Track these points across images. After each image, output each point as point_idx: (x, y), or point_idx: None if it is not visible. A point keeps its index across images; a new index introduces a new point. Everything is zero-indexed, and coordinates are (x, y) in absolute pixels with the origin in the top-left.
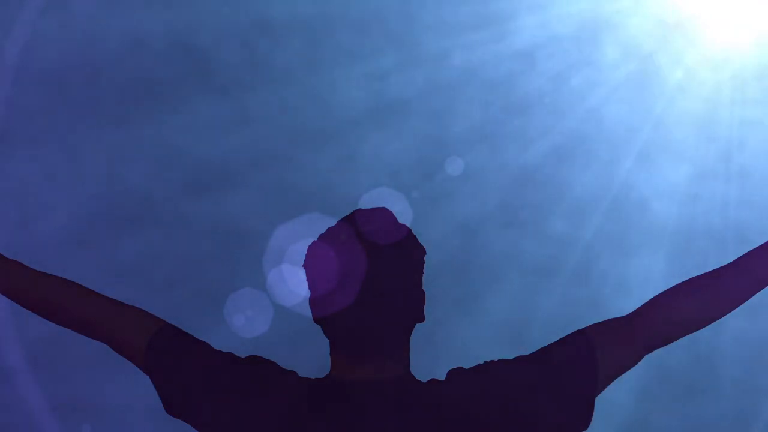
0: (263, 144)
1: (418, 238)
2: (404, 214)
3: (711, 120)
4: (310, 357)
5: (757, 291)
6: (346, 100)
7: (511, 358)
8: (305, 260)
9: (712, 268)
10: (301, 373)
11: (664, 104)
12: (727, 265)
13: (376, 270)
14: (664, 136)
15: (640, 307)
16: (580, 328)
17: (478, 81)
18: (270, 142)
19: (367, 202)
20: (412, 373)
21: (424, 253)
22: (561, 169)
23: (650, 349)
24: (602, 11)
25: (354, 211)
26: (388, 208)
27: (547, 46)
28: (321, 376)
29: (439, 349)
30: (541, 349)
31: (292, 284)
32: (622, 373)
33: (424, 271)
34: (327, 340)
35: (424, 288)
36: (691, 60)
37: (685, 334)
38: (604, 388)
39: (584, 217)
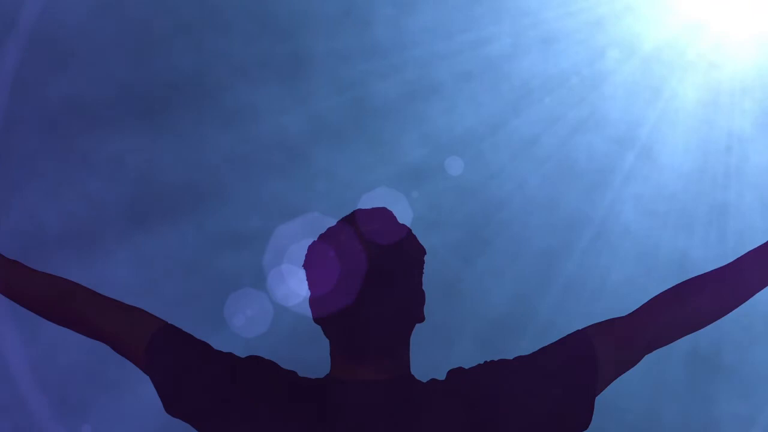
0: (261, 145)
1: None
2: (404, 214)
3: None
4: (310, 357)
5: (758, 291)
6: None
7: (511, 358)
8: (305, 260)
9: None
10: (301, 373)
11: (658, 105)
12: (726, 265)
13: (376, 270)
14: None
15: (640, 307)
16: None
17: (465, 84)
18: (263, 146)
19: (367, 202)
20: (412, 373)
21: (424, 253)
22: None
23: (650, 349)
24: (596, 12)
25: (354, 211)
26: (388, 208)
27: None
28: (321, 376)
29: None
30: (540, 349)
31: (292, 284)
32: (622, 373)
33: (424, 271)
34: (327, 340)
35: (423, 288)
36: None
37: (685, 335)
38: (603, 388)
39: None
